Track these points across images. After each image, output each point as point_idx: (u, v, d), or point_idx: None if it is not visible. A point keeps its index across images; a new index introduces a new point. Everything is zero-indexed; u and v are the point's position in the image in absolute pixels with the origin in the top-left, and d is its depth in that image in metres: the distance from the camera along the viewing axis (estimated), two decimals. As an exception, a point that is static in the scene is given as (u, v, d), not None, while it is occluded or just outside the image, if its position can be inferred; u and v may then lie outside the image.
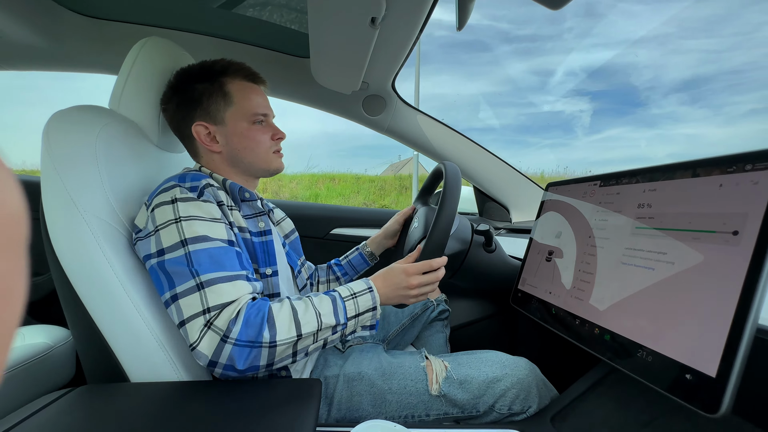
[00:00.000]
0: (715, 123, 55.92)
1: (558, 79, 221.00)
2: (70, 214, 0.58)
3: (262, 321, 0.52)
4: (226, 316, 0.51)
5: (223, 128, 0.69)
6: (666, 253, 0.43)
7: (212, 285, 0.53)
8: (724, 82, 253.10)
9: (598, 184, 0.58)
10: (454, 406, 0.67)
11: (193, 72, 0.70)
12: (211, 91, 0.68)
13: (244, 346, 0.51)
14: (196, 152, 0.72)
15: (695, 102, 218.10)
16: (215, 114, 0.68)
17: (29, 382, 0.88)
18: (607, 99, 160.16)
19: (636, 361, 0.42)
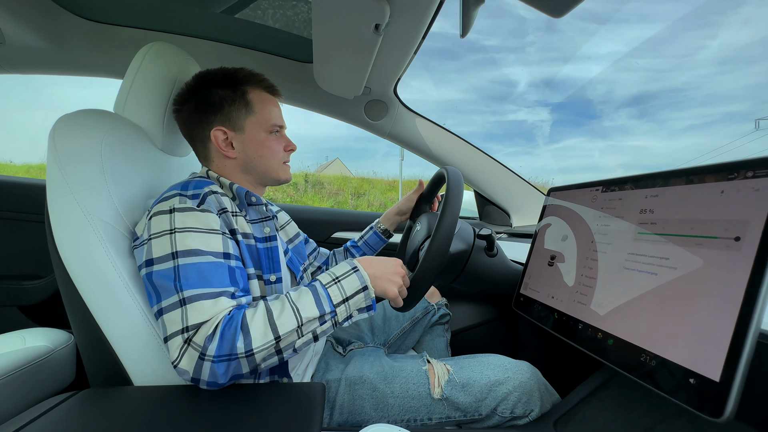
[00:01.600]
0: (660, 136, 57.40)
1: (521, 90, 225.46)
2: (75, 217, 0.58)
3: (235, 332, 0.51)
4: (203, 333, 0.50)
5: (241, 135, 0.70)
6: (668, 258, 0.43)
7: (194, 302, 0.52)
8: (667, 99, 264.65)
9: (600, 190, 0.59)
10: (457, 410, 0.67)
11: (215, 77, 0.70)
12: (233, 99, 0.69)
13: (222, 361, 0.50)
14: (207, 156, 0.72)
15: (642, 116, 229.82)
16: (235, 120, 0.69)
17: (30, 385, 0.88)
18: (566, 110, 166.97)
19: (639, 365, 0.43)
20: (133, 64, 0.72)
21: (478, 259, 0.84)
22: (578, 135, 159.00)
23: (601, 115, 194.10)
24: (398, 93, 1.17)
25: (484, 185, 1.35)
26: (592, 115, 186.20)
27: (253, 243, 0.66)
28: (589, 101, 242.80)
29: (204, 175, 0.70)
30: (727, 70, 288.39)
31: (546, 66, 20.54)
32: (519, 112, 20.37)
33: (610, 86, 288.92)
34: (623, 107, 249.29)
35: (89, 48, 1.04)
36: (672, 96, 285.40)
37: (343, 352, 0.85)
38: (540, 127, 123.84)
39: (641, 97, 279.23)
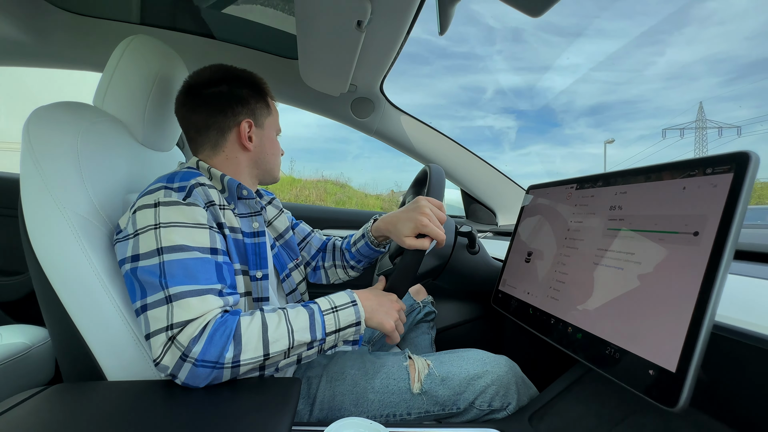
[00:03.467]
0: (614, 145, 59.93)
1: (488, 97, 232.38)
2: (49, 210, 0.57)
3: (227, 339, 0.50)
4: (188, 333, 0.49)
5: (261, 131, 0.73)
6: (634, 253, 0.44)
7: (180, 299, 0.51)
8: (621, 110, 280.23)
9: (574, 187, 0.60)
10: (435, 404, 0.68)
11: (245, 77, 0.73)
12: (259, 98, 0.73)
13: (204, 367, 0.49)
14: (218, 145, 0.70)
15: (599, 126, 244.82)
16: (259, 116, 0.73)
17: (7, 382, 0.87)
18: (530, 118, 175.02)
19: (605, 358, 0.44)
20: (113, 57, 0.71)
21: (459, 257, 0.85)
22: (542, 142, 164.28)
23: (562, 123, 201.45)
24: (384, 91, 1.17)
25: (470, 184, 1.36)
26: (554, 123, 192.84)
27: (240, 238, 0.65)
28: (552, 110, 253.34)
29: (193, 166, 0.69)
30: (673, 85, 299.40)
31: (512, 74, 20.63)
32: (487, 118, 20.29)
33: (571, 96, 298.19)
34: (582, 116, 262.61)
35: (70, 41, 1.02)
36: (625, 107, 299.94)
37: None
38: (506, 133, 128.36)
39: (598, 107, 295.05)
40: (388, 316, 0.63)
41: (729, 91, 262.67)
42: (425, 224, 0.62)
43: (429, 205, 0.65)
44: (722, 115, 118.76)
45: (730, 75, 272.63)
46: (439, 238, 0.63)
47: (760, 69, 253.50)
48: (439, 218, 0.65)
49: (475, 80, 18.46)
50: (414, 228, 0.64)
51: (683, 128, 38.60)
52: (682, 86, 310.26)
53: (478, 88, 20.85)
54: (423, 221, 0.63)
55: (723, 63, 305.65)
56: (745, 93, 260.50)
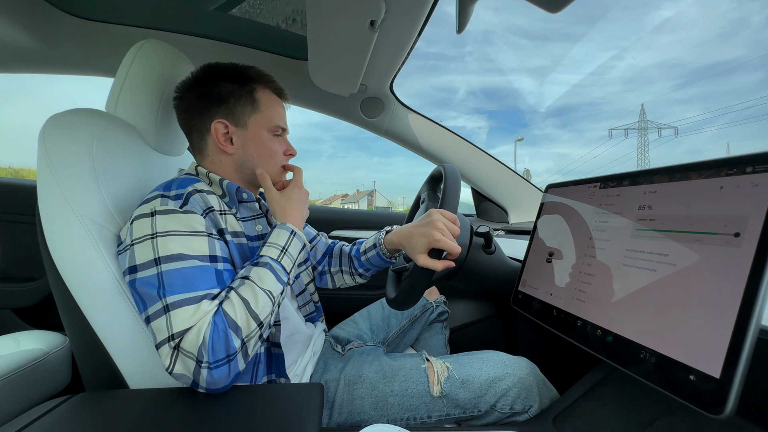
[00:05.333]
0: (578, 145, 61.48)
1: (460, 97, 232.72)
2: (67, 218, 0.57)
3: (226, 334, 0.51)
4: (190, 340, 0.49)
5: (243, 132, 0.68)
6: (667, 254, 0.43)
7: (177, 308, 0.51)
8: (584, 111, 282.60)
9: (598, 186, 0.59)
10: (456, 407, 0.67)
11: (225, 71, 0.69)
12: (240, 94, 0.68)
13: (219, 366, 0.50)
14: (203, 150, 0.69)
15: (564, 126, 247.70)
16: (239, 116, 0.68)
17: (25, 389, 0.87)
18: (500, 118, 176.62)
19: (639, 362, 0.43)
20: (124, 62, 0.71)
21: (475, 257, 0.84)
22: (511, 142, 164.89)
23: (530, 124, 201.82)
24: (394, 90, 1.16)
25: (481, 182, 1.35)
26: (523, 124, 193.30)
27: (244, 242, 0.65)
28: (521, 111, 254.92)
29: (191, 172, 0.68)
30: (631, 88, 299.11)
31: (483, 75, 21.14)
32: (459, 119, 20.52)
33: (538, 98, 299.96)
34: (549, 117, 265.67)
35: (80, 46, 1.02)
36: (588, 109, 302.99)
37: (342, 351, 0.84)
38: (478, 133, 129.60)
39: (563, 109, 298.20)
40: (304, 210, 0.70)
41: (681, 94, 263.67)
42: (438, 239, 0.62)
43: (442, 219, 0.65)
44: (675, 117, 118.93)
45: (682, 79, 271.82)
46: (453, 252, 0.62)
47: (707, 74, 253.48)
48: (452, 232, 0.64)
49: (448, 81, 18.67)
50: (427, 243, 0.63)
51: (627, 129, 41.38)
52: (640, 89, 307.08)
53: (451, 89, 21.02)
54: (436, 236, 0.62)
55: (675, 68, 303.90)
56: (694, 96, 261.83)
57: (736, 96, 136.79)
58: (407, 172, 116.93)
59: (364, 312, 1.04)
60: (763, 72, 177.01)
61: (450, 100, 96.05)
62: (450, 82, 23.98)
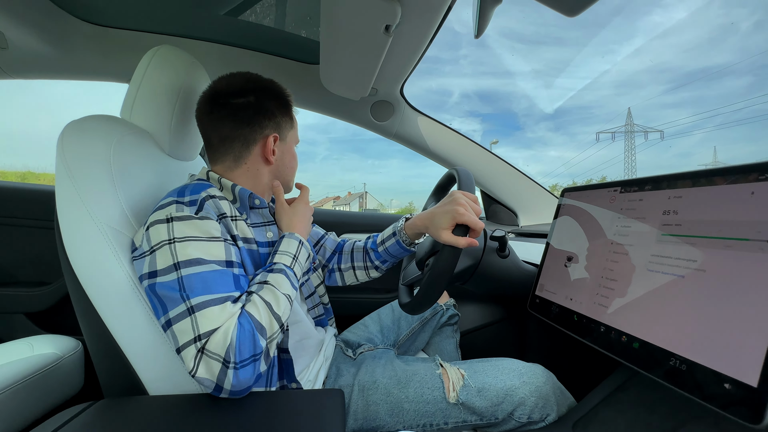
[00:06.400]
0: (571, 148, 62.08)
1: (455, 100, 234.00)
2: (86, 224, 0.57)
3: (252, 334, 0.52)
4: (217, 341, 0.50)
5: (284, 145, 0.73)
6: (696, 260, 0.42)
7: (203, 309, 0.51)
8: (577, 115, 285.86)
9: (618, 191, 0.58)
10: (473, 414, 0.66)
11: (272, 87, 0.72)
12: (284, 111, 0.73)
13: (246, 365, 0.51)
14: (241, 157, 0.69)
15: (558, 129, 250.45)
16: (283, 130, 0.73)
17: (40, 393, 0.87)
18: (494, 121, 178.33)
19: (669, 369, 0.42)
20: (139, 68, 0.71)
21: (489, 261, 0.83)
22: (505, 145, 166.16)
23: (524, 127, 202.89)
24: (404, 93, 1.16)
25: (490, 184, 1.35)
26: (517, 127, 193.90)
27: (255, 248, 0.65)
28: (515, 114, 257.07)
29: (203, 177, 0.68)
30: (622, 92, 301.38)
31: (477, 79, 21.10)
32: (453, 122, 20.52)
33: (532, 101, 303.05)
34: (542, 121, 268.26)
35: (94, 52, 1.03)
36: (581, 112, 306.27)
37: (353, 356, 0.84)
38: (472, 136, 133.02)
39: (557, 112, 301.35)
40: (308, 225, 0.74)
41: (671, 98, 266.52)
42: (462, 213, 0.62)
43: (464, 197, 0.65)
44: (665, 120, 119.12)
45: (672, 84, 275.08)
46: (477, 226, 0.62)
47: (696, 78, 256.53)
48: (474, 210, 0.64)
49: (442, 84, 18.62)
50: (451, 219, 0.63)
51: (614, 132, 42.43)
52: (631, 93, 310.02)
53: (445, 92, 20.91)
54: (459, 210, 0.62)
55: (665, 72, 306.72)
56: (684, 100, 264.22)
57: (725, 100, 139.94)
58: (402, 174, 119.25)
59: (374, 315, 1.04)
60: (751, 77, 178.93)
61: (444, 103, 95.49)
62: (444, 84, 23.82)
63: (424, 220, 0.72)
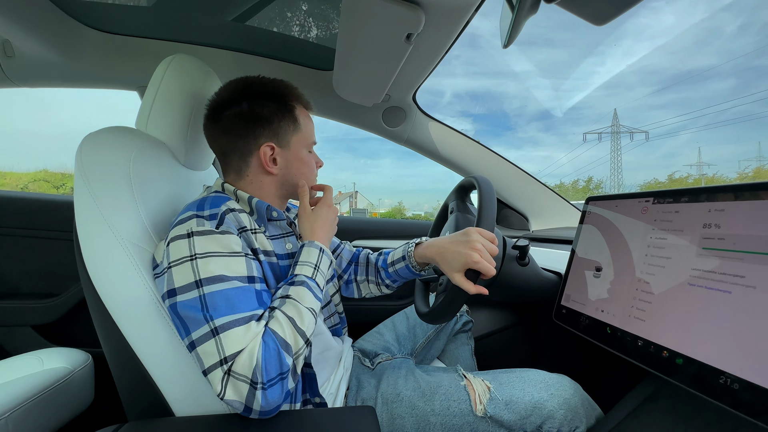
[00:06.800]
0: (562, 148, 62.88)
1: (447, 100, 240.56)
2: (108, 241, 0.56)
3: (278, 353, 0.50)
4: (243, 362, 0.48)
5: (287, 152, 0.68)
6: (744, 276, 0.42)
7: (227, 330, 0.49)
8: (567, 115, 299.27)
9: (651, 201, 0.58)
10: (501, 427, 0.65)
11: (265, 88, 0.67)
12: (283, 114, 0.67)
13: (274, 384, 0.49)
14: (241, 171, 0.67)
15: (548, 130, 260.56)
16: (283, 137, 0.67)
17: (52, 408, 0.85)
18: (486, 122, 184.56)
19: (718, 387, 0.41)
20: (154, 78, 0.70)
21: (509, 269, 0.83)
22: (497, 145, 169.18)
23: (515, 127, 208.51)
24: (417, 99, 1.15)
25: (501, 189, 1.34)
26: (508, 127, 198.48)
27: (275, 261, 0.63)
28: (506, 114, 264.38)
29: (219, 189, 0.67)
30: (612, 93, 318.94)
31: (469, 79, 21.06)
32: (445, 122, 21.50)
33: (523, 101, 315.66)
34: (533, 121, 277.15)
35: (102, 60, 1.01)
36: (571, 113, 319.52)
37: (371, 365, 0.83)
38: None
39: (547, 112, 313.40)
40: (332, 229, 0.71)
41: (658, 99, 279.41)
42: (477, 261, 0.61)
43: (481, 240, 0.64)
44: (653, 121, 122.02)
45: (659, 85, 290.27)
46: (489, 275, 0.61)
47: (682, 81, 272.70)
48: (491, 252, 0.63)
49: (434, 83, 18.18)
50: (464, 263, 0.62)
51: (601, 132, 44.25)
52: (620, 95, 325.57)
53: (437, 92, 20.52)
54: (474, 257, 0.61)
55: (653, 74, 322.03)
56: (671, 101, 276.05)
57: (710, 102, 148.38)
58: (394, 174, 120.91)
59: (388, 323, 1.03)
60: (735, 79, 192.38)
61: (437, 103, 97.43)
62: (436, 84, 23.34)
63: (435, 253, 0.70)
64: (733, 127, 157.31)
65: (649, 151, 44.16)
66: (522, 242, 0.78)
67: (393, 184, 73.08)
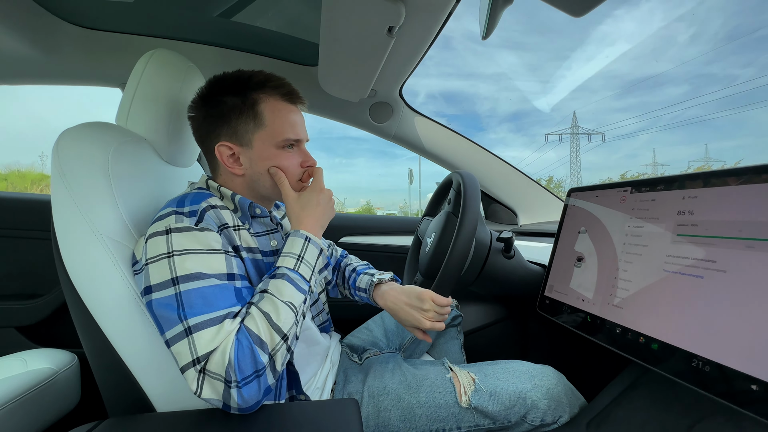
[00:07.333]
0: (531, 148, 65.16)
1: (421, 100, 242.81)
2: (85, 236, 0.55)
3: (251, 351, 0.49)
4: (216, 361, 0.47)
5: (249, 151, 0.63)
6: (715, 261, 0.42)
7: (200, 330, 0.48)
8: (536, 117, 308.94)
9: (629, 191, 0.58)
10: (486, 418, 0.66)
11: (227, 82, 0.64)
12: (242, 109, 0.62)
13: (249, 382, 0.48)
14: (215, 169, 0.68)
15: (518, 131, 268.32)
16: (242, 135, 0.63)
17: (36, 410, 0.84)
18: (459, 122, 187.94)
19: (691, 370, 0.42)
20: (134, 74, 0.69)
21: (495, 262, 0.83)
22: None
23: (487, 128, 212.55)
24: (403, 95, 1.15)
25: (490, 184, 1.35)
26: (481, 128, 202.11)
27: (259, 257, 0.63)
28: (478, 115, 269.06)
29: (203, 186, 0.66)
30: (577, 96, 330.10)
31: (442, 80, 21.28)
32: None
33: (494, 103, 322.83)
34: (504, 122, 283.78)
35: (83, 56, 1.00)
36: (539, 115, 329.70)
37: (359, 361, 0.83)
38: None
39: (517, 114, 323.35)
40: (325, 214, 0.66)
41: (619, 103, 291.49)
42: (425, 327, 0.70)
43: (434, 308, 0.69)
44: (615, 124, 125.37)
45: (621, 89, 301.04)
46: (437, 330, 0.71)
47: (641, 86, 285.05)
48: (442, 317, 0.70)
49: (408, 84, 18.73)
50: (415, 325, 0.71)
51: (561, 134, 46.63)
52: (584, 98, 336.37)
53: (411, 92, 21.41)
54: (425, 325, 0.70)
55: (615, 79, 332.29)
56: (630, 105, 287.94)
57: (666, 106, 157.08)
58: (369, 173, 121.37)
59: (377, 318, 1.03)
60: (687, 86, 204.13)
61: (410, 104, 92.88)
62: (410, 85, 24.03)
63: (391, 307, 0.75)
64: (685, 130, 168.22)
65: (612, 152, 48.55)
66: (506, 234, 0.79)
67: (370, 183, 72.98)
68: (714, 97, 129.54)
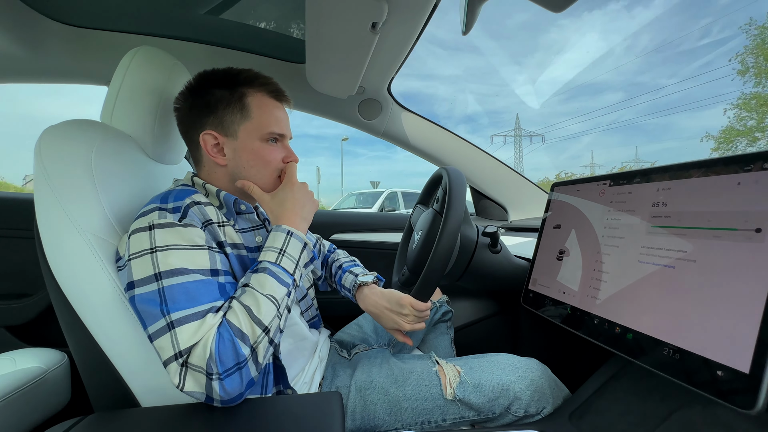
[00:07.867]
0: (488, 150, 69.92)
1: None
2: (68, 233, 0.55)
3: (233, 343, 0.49)
4: (198, 354, 0.48)
5: (234, 142, 0.64)
6: (686, 251, 0.43)
7: (183, 324, 0.49)
8: (491, 119, 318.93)
9: (608, 184, 0.59)
10: (470, 409, 0.67)
11: (216, 76, 0.66)
12: (229, 101, 0.64)
13: (231, 374, 0.49)
14: (199, 160, 0.68)
15: (475, 132, 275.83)
16: (228, 125, 0.64)
17: (25, 409, 0.84)
18: None
19: (662, 359, 0.43)
20: (118, 71, 0.69)
21: (482, 257, 0.84)
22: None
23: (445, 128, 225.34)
24: (392, 91, 1.15)
25: (479, 180, 1.35)
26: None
27: (244, 253, 0.63)
28: (437, 116, 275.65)
29: (188, 182, 0.66)
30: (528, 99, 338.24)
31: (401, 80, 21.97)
32: None
33: (451, 105, 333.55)
34: (461, 123, 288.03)
35: (69, 54, 0.99)
36: (494, 117, 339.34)
37: (348, 356, 0.83)
38: None
39: (473, 116, 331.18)
40: (304, 206, 0.66)
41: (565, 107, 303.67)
42: (405, 329, 0.74)
43: (413, 312, 0.72)
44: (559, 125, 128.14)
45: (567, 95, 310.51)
46: (416, 329, 0.74)
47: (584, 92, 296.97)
48: (421, 321, 0.74)
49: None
50: (395, 328, 0.75)
51: (505, 135, 49.13)
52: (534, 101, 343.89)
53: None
54: (404, 327, 0.73)
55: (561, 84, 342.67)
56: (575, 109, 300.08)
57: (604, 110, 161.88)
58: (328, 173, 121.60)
59: (367, 315, 1.03)
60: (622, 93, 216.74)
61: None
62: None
63: (373, 311, 0.79)
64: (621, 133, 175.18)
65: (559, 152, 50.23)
66: (491, 229, 0.79)
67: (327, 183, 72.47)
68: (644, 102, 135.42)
